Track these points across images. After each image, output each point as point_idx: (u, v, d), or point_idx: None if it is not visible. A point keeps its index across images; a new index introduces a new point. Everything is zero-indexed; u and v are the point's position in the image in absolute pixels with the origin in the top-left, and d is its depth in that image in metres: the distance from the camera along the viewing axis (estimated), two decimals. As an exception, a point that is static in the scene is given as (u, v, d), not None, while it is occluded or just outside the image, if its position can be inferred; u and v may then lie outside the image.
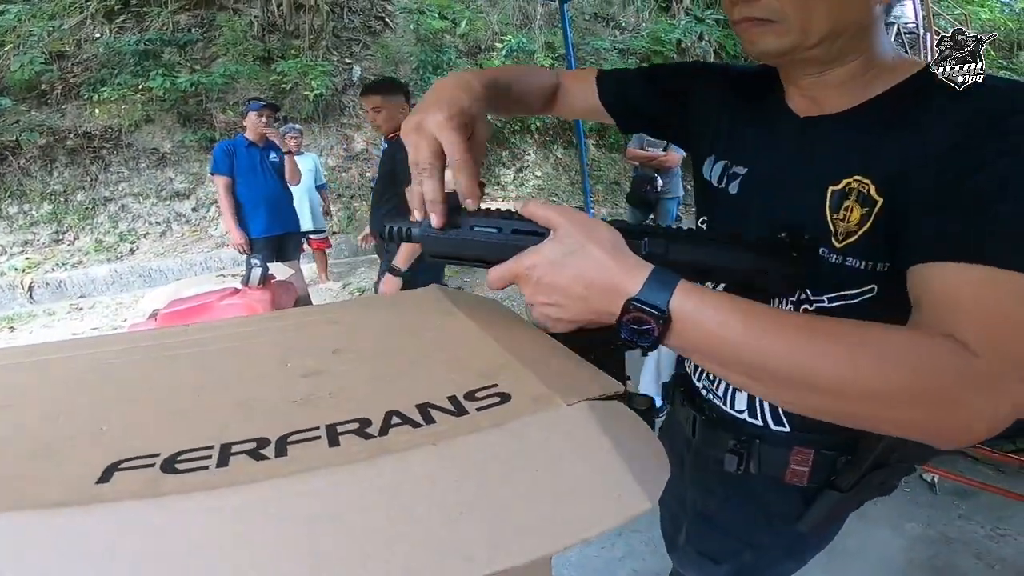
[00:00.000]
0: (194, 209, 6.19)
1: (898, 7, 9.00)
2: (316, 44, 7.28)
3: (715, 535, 0.80)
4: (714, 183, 0.71)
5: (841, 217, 0.56)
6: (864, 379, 0.40)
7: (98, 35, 6.61)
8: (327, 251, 5.11)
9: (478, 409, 0.32)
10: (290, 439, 0.30)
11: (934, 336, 0.43)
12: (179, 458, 0.28)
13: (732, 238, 0.52)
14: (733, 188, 0.68)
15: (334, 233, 6.12)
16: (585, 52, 8.17)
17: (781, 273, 0.51)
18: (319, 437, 0.31)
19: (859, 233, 0.55)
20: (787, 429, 0.68)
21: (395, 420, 0.32)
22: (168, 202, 6.15)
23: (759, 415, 0.70)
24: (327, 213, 4.83)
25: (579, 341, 0.47)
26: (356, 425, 0.32)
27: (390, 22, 7.83)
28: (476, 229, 0.52)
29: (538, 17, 8.36)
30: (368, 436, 0.31)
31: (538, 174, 7.68)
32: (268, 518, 0.25)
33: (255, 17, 7.16)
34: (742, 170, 0.67)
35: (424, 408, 0.33)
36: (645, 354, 0.45)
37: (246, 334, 0.51)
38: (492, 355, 0.40)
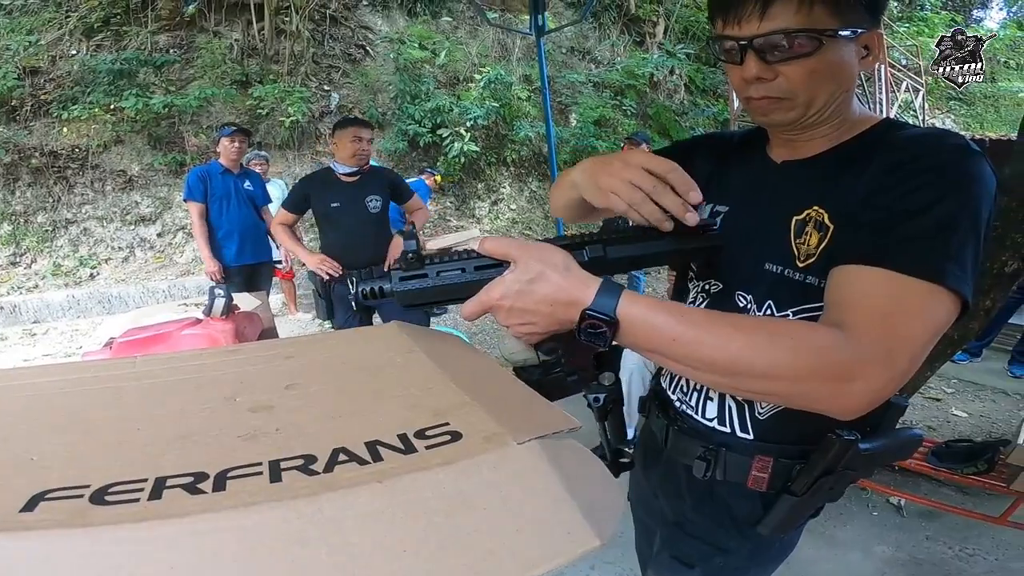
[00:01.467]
0: (159, 235, 6.05)
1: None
2: (295, 70, 7.33)
3: (687, 540, 0.85)
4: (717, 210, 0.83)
5: (802, 241, 0.68)
6: (766, 361, 0.53)
7: (74, 52, 6.51)
8: (295, 281, 5.01)
9: (428, 447, 0.32)
10: (230, 474, 0.30)
11: (826, 326, 0.56)
12: (110, 490, 0.28)
13: (652, 231, 0.62)
14: (717, 224, 0.78)
15: (303, 265, 6.03)
16: (561, 85, 8.42)
17: (695, 250, 0.66)
18: (261, 473, 0.30)
19: (816, 255, 0.66)
20: (751, 437, 0.76)
21: (342, 457, 0.32)
22: (133, 227, 5.99)
23: (727, 422, 0.78)
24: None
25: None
26: (301, 461, 0.31)
27: (370, 51, 7.95)
28: (442, 274, 0.58)
29: (516, 50, 8.61)
30: (312, 472, 0.30)
31: (513, 207, 7.78)
32: (201, 552, 0.24)
33: (235, 40, 7.18)
34: (723, 208, 0.79)
35: (373, 446, 0.32)
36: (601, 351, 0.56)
37: (196, 367, 0.50)
38: (447, 393, 0.40)
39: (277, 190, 4.40)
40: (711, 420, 0.79)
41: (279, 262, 4.41)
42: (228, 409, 0.40)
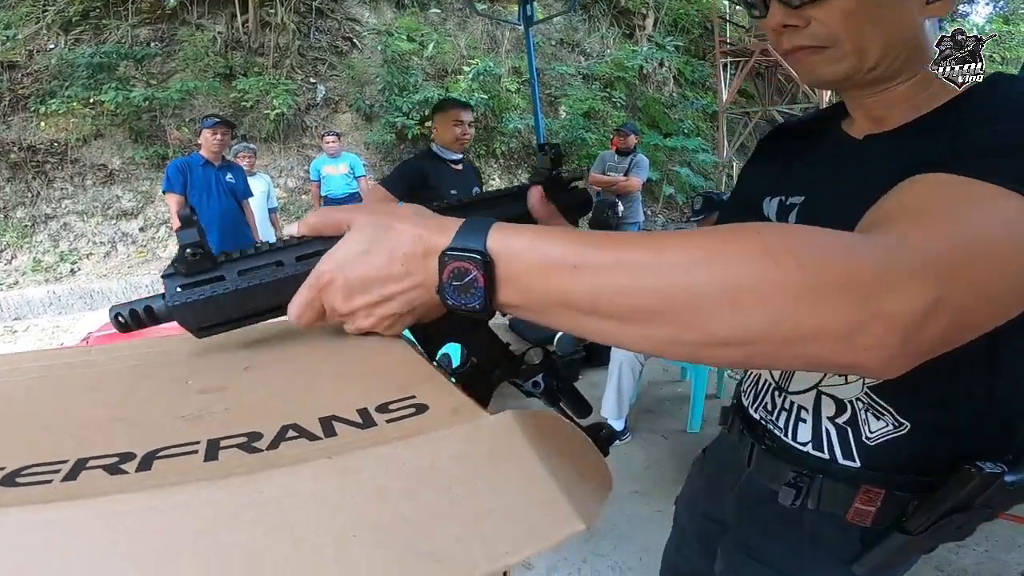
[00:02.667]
0: (142, 229, 5.94)
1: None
2: (281, 62, 7.21)
3: (753, 565, 0.74)
4: (773, 219, 0.69)
5: None
6: (728, 277, 0.32)
7: (52, 46, 6.37)
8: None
9: (388, 421, 0.28)
10: (160, 454, 0.27)
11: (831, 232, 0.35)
12: (23, 472, 0.25)
13: (521, 188, 0.55)
14: (791, 218, 0.66)
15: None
16: (550, 77, 8.37)
17: (567, 207, 0.57)
18: (195, 452, 0.27)
19: None
20: (856, 464, 0.63)
21: (291, 434, 0.28)
22: (114, 221, 5.88)
23: (825, 448, 0.65)
24: (278, 238, 4.67)
25: None
26: (243, 439, 0.28)
27: (358, 43, 7.84)
28: (247, 273, 0.40)
29: (505, 42, 8.54)
30: (254, 450, 0.27)
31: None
32: (111, 534, 0.21)
33: (219, 33, 7.05)
34: (798, 199, 0.66)
35: (328, 421, 0.29)
36: (482, 318, 0.38)
37: (153, 354, 0.46)
38: (417, 368, 0.36)
39: (262, 184, 4.32)
40: (804, 444, 0.66)
41: None
42: (177, 392, 0.36)
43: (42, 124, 5.92)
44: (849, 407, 0.62)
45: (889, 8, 0.52)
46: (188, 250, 0.39)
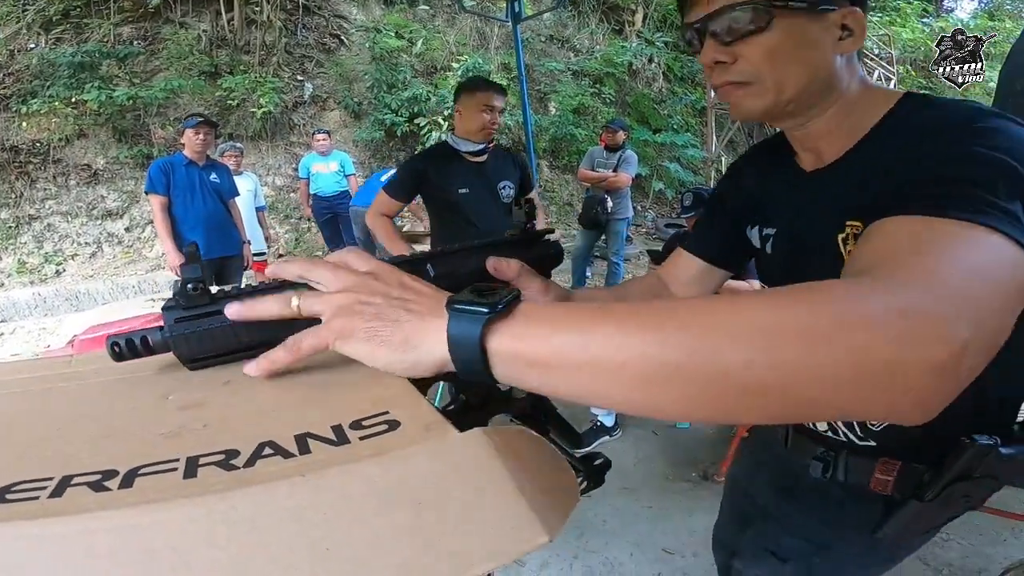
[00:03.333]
0: (127, 229, 5.87)
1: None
2: (267, 60, 7.14)
3: (785, 536, 0.82)
4: (757, 246, 0.79)
5: None
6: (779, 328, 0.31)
7: (33, 45, 6.28)
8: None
9: (362, 438, 0.29)
10: (141, 471, 0.28)
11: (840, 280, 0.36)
12: (12, 488, 0.26)
13: (495, 241, 0.58)
14: (768, 248, 0.75)
15: (280, 255, 5.94)
16: (539, 73, 8.36)
17: (537, 257, 0.60)
18: (175, 469, 0.28)
19: None
20: (873, 444, 0.71)
21: (267, 451, 0.29)
22: (99, 221, 5.80)
23: (840, 433, 0.73)
24: (267, 237, 4.62)
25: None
26: (221, 456, 0.29)
27: (345, 40, 7.78)
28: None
29: (495, 38, 8.51)
30: (232, 468, 0.28)
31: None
32: (95, 549, 0.22)
33: (203, 31, 6.97)
34: (771, 230, 0.75)
35: (303, 438, 0.30)
36: (483, 319, 0.35)
37: (134, 366, 0.46)
38: (393, 384, 0.37)
39: (249, 183, 4.28)
40: (824, 431, 0.75)
41: (261, 254, 4.31)
42: (158, 407, 0.37)
43: (24, 124, 5.83)
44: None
45: (805, 48, 0.59)
46: (190, 285, 0.41)
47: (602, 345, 0.31)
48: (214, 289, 0.43)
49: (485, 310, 0.34)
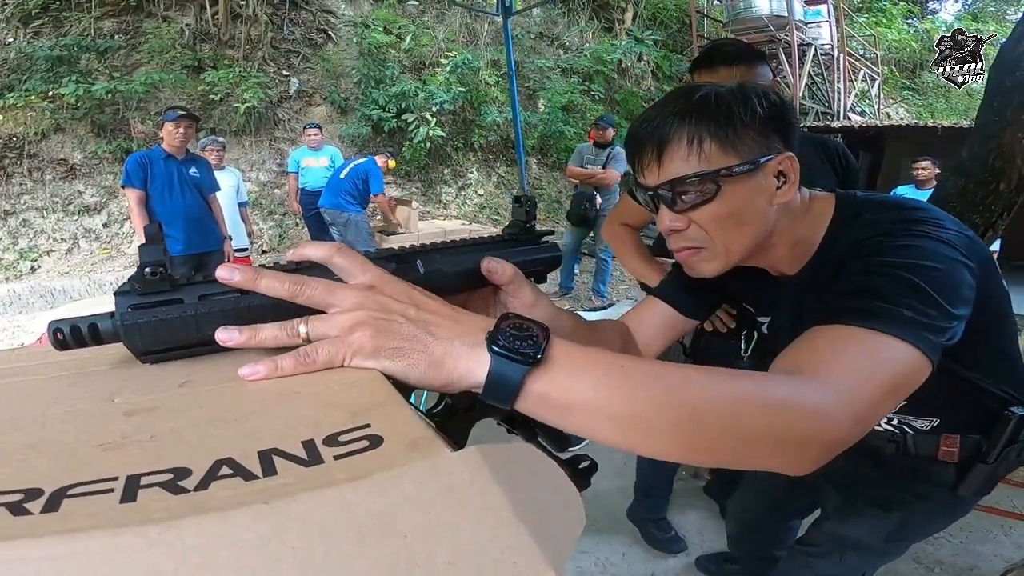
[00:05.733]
0: (105, 225, 5.72)
1: (815, 29, 9.77)
2: (252, 55, 7.01)
3: (886, 488, 0.94)
4: (759, 320, 0.92)
5: None
6: (722, 393, 0.43)
7: (11, 39, 6.12)
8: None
9: (337, 457, 0.25)
10: (71, 491, 0.23)
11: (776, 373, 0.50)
12: None
13: (490, 240, 0.54)
14: (765, 329, 0.89)
15: (264, 252, 5.84)
16: (529, 70, 8.31)
17: (536, 260, 0.57)
18: (111, 490, 0.24)
19: None
20: (935, 424, 0.84)
21: (224, 471, 0.24)
22: (76, 217, 5.65)
23: (896, 432, 0.87)
24: (249, 233, 4.52)
25: None
26: (168, 476, 0.24)
27: (333, 35, 7.67)
28: (214, 298, 0.38)
29: (484, 34, 8.45)
30: (180, 490, 0.23)
31: (480, 192, 7.67)
32: None
33: (187, 25, 6.82)
34: (765, 319, 0.89)
35: (268, 456, 0.25)
36: (527, 368, 0.38)
37: (82, 361, 0.41)
38: (374, 389, 0.33)
39: (232, 178, 4.18)
40: (882, 431, 0.88)
41: (244, 249, 4.21)
42: (100, 411, 0.32)
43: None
44: (895, 419, 0.87)
45: (748, 210, 0.64)
46: (148, 268, 0.36)
47: (619, 403, 0.39)
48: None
49: (527, 362, 0.37)
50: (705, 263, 0.68)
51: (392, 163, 4.96)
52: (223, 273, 0.37)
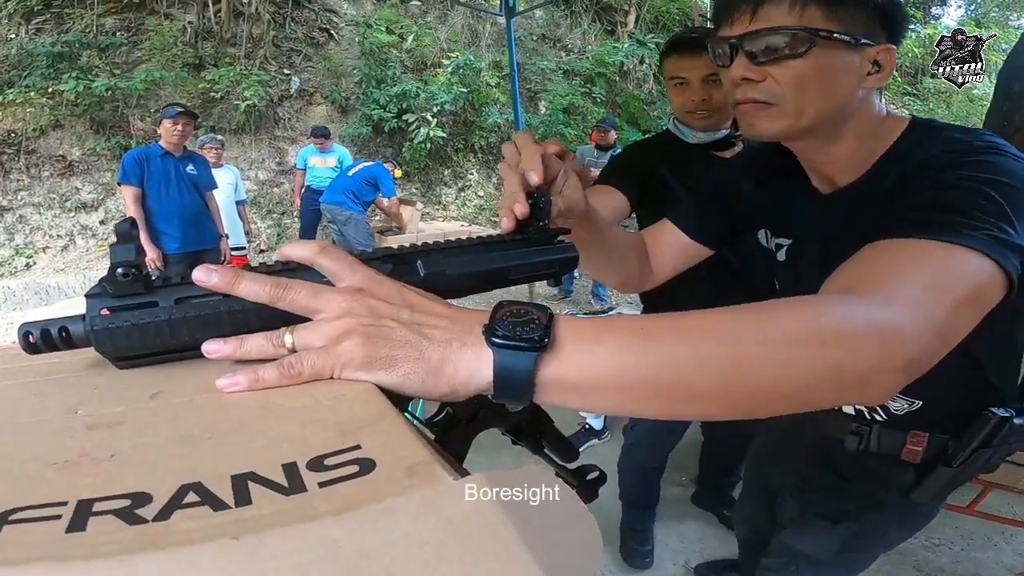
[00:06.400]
0: (102, 222, 5.68)
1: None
2: (253, 53, 6.98)
3: (833, 500, 0.89)
4: (763, 245, 0.84)
5: None
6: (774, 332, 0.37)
7: (12, 36, 6.10)
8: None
9: (323, 484, 0.21)
10: (13, 516, 0.20)
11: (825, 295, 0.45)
12: None
13: (498, 239, 0.49)
14: (780, 255, 0.81)
15: (262, 251, 5.80)
16: (530, 72, 8.29)
17: (561, 260, 0.52)
18: (58, 516, 0.20)
19: None
20: (900, 423, 0.79)
21: (190, 498, 0.21)
22: (73, 214, 5.61)
23: (867, 416, 0.81)
24: (247, 232, 4.48)
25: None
26: (125, 503, 0.21)
27: (335, 34, 7.64)
28: (191, 302, 0.35)
29: (486, 35, 8.43)
30: (137, 520, 0.20)
31: (480, 193, 7.64)
32: None
33: (189, 23, 6.79)
34: (786, 241, 0.79)
35: (242, 481, 0.22)
36: (535, 354, 0.34)
37: (50, 367, 0.38)
38: (366, 404, 0.29)
39: (230, 176, 4.15)
40: (852, 417, 0.81)
41: (241, 248, 4.17)
42: (61, 424, 0.29)
43: (-2, 114, 5.64)
44: None
45: (834, 79, 0.61)
46: (120, 269, 0.34)
47: (649, 371, 0.34)
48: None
49: (534, 348, 0.33)
50: (770, 121, 0.63)
51: (398, 172, 4.95)
52: (200, 275, 0.34)
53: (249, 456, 0.23)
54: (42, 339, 0.35)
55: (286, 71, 7.16)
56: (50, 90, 5.77)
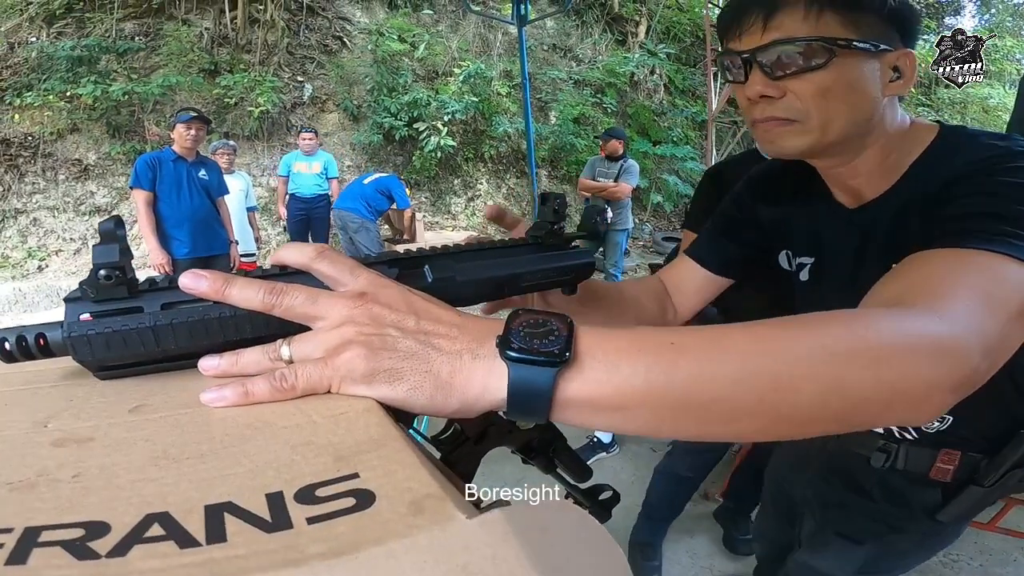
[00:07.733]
0: (115, 225, 5.73)
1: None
2: (268, 60, 7.06)
3: (856, 519, 0.86)
4: (785, 268, 0.81)
5: None
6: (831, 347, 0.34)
7: (34, 39, 6.20)
8: (255, 276, 4.77)
9: (311, 520, 0.18)
10: None
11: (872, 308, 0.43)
12: None
13: (512, 244, 0.47)
14: (803, 275, 0.77)
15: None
16: (541, 81, 8.31)
17: (576, 267, 0.50)
18: (0, 545, 0.17)
19: None
20: (931, 440, 0.76)
21: (154, 531, 0.18)
22: (86, 217, 5.66)
23: (896, 433, 0.78)
24: (257, 239, 4.46)
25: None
26: (79, 533, 0.18)
27: (348, 42, 7.71)
28: (180, 308, 0.33)
29: (498, 45, 8.47)
30: (87, 554, 0.17)
31: (490, 203, 7.64)
32: None
33: (206, 29, 6.89)
34: (808, 259, 0.76)
35: (217, 513, 0.19)
36: (555, 370, 0.31)
37: (33, 374, 0.35)
38: (367, 424, 0.26)
39: (241, 182, 4.16)
40: (880, 432, 0.79)
41: (251, 255, 4.16)
42: (26, 439, 0.26)
43: (16, 117, 5.72)
44: None
45: (857, 89, 0.57)
46: (102, 271, 0.31)
47: (682, 388, 0.32)
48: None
49: (553, 363, 0.30)
50: (794, 138, 0.60)
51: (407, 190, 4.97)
52: (187, 281, 0.31)
53: (229, 482, 0.20)
54: (17, 347, 0.32)
55: (299, 78, 7.22)
56: (68, 94, 5.84)
